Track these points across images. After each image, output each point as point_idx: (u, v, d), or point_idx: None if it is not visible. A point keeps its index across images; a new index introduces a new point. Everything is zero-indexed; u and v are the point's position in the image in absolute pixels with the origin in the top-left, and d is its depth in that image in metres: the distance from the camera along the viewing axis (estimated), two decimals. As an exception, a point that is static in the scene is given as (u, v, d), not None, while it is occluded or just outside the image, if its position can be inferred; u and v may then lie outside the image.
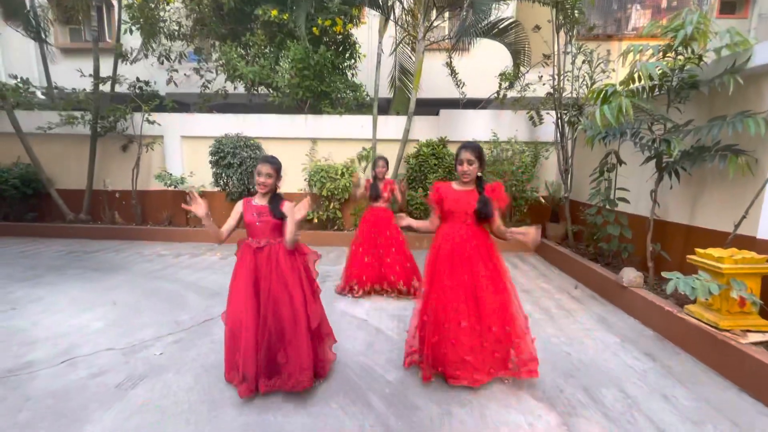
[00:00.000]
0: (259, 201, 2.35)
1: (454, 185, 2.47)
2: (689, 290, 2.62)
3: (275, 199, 2.35)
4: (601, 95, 3.48)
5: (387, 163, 4.09)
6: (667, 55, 3.42)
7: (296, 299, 2.26)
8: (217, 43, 7.86)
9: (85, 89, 7.01)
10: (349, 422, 2.08)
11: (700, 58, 3.30)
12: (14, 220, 7.17)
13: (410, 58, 7.62)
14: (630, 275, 3.68)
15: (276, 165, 2.35)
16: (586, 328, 3.34)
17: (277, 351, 2.22)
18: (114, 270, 4.93)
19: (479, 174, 2.38)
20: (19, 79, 7.13)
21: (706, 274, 2.74)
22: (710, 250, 2.85)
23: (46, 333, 3.09)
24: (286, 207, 2.33)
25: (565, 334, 3.21)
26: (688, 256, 3.02)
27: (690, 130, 3.33)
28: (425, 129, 6.91)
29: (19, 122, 6.70)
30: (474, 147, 2.34)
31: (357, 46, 7.57)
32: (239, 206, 2.37)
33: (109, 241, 6.69)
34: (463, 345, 2.29)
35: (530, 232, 2.25)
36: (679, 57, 3.37)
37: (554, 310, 3.75)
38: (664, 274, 2.87)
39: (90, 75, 6.95)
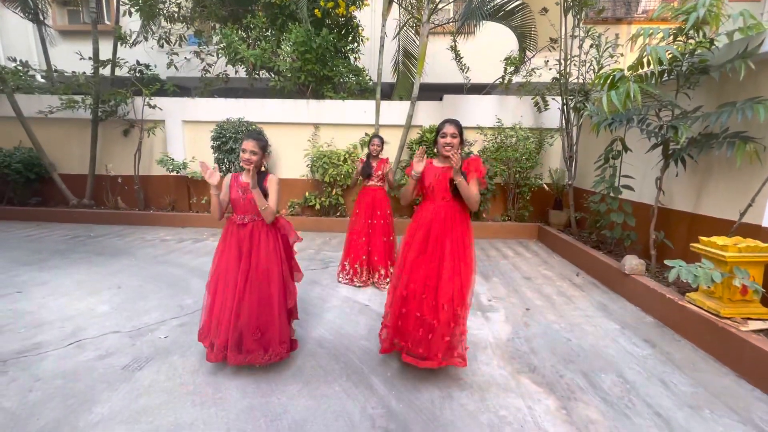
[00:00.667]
0: (245, 177, 2.35)
1: (435, 162, 2.44)
2: (691, 278, 2.62)
3: (259, 175, 2.38)
4: (609, 80, 3.42)
5: (382, 141, 4.07)
6: (678, 38, 3.34)
7: (275, 277, 2.34)
8: (217, 25, 7.74)
9: (84, 72, 6.94)
10: (351, 404, 2.12)
11: (712, 42, 3.22)
12: (18, 205, 7.21)
13: (414, 41, 7.48)
14: (632, 263, 3.68)
15: (261, 142, 2.34)
16: (587, 315, 3.36)
17: (253, 326, 2.29)
18: (118, 254, 4.97)
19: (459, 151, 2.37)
20: (18, 62, 7.06)
21: (710, 262, 2.73)
22: (714, 238, 2.84)
23: (53, 316, 3.13)
24: (269, 181, 2.38)
25: (566, 321, 3.24)
26: (692, 244, 3.01)
27: (698, 116, 3.28)
28: (429, 114, 6.83)
29: (20, 106, 6.66)
30: (457, 122, 2.37)
31: (360, 29, 7.42)
32: (227, 180, 2.41)
33: (112, 226, 6.73)
34: (424, 320, 2.28)
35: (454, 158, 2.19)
36: (690, 41, 3.29)
37: (555, 297, 3.77)
38: (666, 261, 2.86)
39: (89, 58, 6.86)
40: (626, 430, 1.96)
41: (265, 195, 2.35)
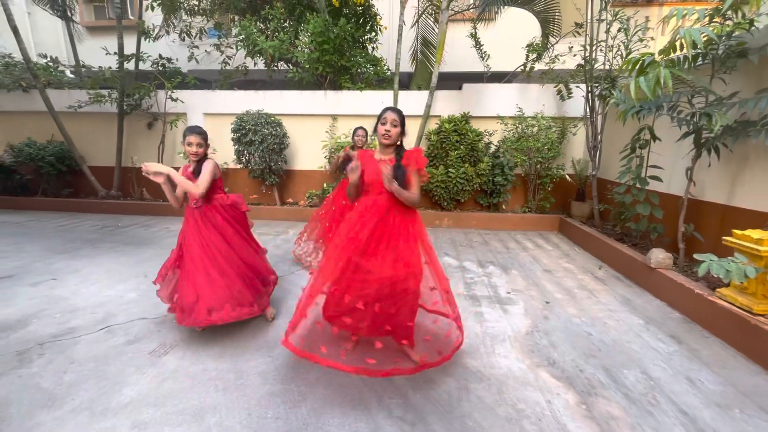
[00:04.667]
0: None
1: (376, 155, 2.35)
2: (723, 273, 2.51)
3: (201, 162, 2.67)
4: (637, 65, 3.26)
5: (366, 133, 3.98)
6: (714, 20, 3.15)
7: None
8: (236, 17, 7.79)
9: (110, 67, 7.13)
10: (368, 394, 2.15)
11: (751, 23, 3.01)
12: (52, 196, 7.55)
13: (433, 29, 7.34)
14: (659, 256, 3.55)
15: (204, 134, 2.63)
16: (610, 309, 3.28)
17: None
18: (144, 244, 5.15)
19: (400, 143, 2.33)
20: (48, 59, 7.32)
21: (743, 256, 2.60)
22: (749, 232, 2.70)
23: (85, 302, 3.29)
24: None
25: (587, 315, 3.17)
26: (724, 238, 2.88)
27: (735, 102, 3.10)
28: (447, 104, 6.72)
29: (51, 101, 6.92)
30: (399, 111, 2.28)
31: (378, 17, 7.33)
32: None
33: (139, 216, 6.97)
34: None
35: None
36: (728, 22, 3.10)
37: (576, 291, 3.69)
38: (696, 255, 2.75)
39: (115, 53, 7.05)
40: (650, 427, 1.91)
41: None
